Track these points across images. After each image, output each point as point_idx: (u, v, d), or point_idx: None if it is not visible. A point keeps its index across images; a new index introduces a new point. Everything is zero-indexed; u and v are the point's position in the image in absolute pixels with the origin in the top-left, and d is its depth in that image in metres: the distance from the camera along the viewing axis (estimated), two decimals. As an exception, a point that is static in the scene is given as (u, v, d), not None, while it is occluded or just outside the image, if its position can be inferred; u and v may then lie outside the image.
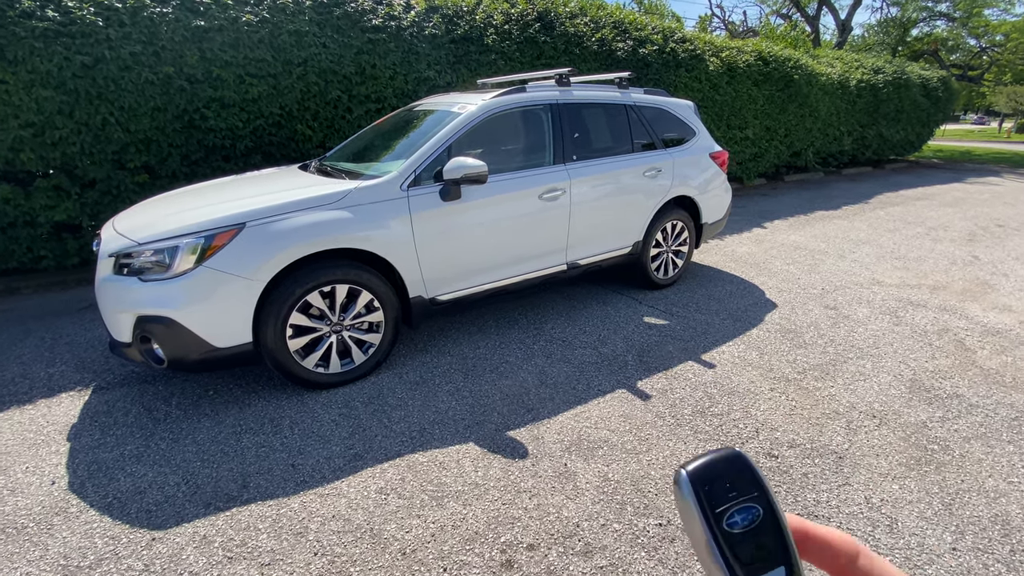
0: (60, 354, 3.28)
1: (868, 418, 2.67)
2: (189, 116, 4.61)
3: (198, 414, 2.66)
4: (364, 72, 5.34)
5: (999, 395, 2.89)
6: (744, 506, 0.33)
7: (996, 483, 2.23)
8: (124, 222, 2.84)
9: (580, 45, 6.86)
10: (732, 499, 0.33)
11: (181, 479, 2.21)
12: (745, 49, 8.84)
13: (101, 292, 2.60)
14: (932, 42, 24.08)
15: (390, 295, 2.96)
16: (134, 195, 4.54)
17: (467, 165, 2.92)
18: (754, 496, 0.33)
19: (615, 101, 4.02)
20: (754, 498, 0.33)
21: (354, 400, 2.78)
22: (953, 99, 14.23)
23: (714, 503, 0.33)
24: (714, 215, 4.67)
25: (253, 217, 2.58)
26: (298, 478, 2.21)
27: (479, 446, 2.43)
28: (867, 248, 5.76)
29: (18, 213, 4.25)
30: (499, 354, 3.28)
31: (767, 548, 0.32)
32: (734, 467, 0.34)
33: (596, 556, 1.86)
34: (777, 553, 0.32)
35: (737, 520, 0.32)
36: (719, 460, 0.34)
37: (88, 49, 4.06)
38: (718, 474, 0.34)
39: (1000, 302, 4.23)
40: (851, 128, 11.21)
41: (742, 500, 0.33)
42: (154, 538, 1.91)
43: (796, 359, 3.26)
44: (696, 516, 0.33)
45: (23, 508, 2.05)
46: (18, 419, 2.62)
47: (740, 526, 0.32)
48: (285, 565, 1.80)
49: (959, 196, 9.23)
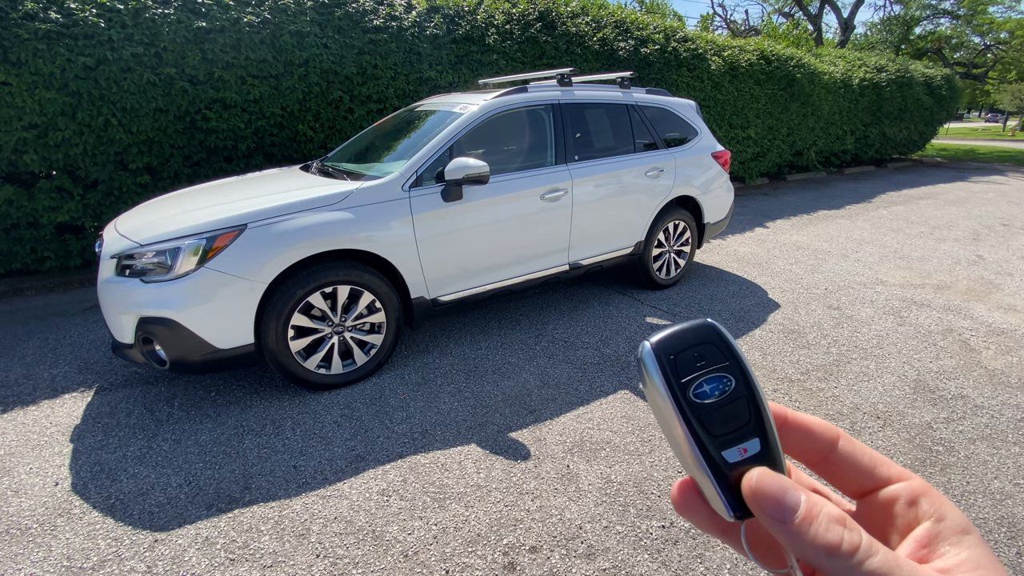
0: (63, 355, 3.29)
1: (872, 419, 2.65)
2: (191, 117, 4.62)
3: (200, 415, 2.66)
4: (365, 72, 5.34)
5: (1004, 396, 2.87)
6: (714, 376, 0.30)
7: (1002, 485, 2.22)
8: (126, 223, 2.85)
9: (582, 45, 6.85)
10: (700, 368, 0.31)
11: (183, 480, 2.21)
12: (747, 48, 8.82)
13: (103, 293, 2.61)
14: (936, 40, 23.99)
15: (392, 296, 2.95)
16: (136, 196, 4.55)
17: (469, 165, 2.92)
18: (725, 366, 0.31)
19: (617, 101, 4.01)
20: (725, 367, 0.31)
21: (356, 401, 2.78)
22: (957, 97, 14.17)
23: (680, 373, 0.30)
24: (716, 215, 4.65)
25: (255, 218, 2.58)
26: (300, 479, 2.21)
27: (481, 447, 2.42)
28: (870, 248, 5.73)
29: (21, 214, 4.26)
30: (501, 355, 3.28)
31: (740, 420, 0.30)
32: (704, 336, 0.31)
33: (599, 558, 1.85)
34: (751, 424, 0.30)
35: (706, 390, 0.30)
36: (687, 329, 0.32)
37: (90, 51, 4.06)
38: (686, 344, 0.31)
39: (1005, 302, 4.20)
40: (854, 127, 11.18)
41: (712, 369, 0.31)
42: (156, 539, 1.91)
43: (799, 360, 3.24)
44: (660, 388, 0.30)
45: (27, 509, 2.05)
46: (22, 420, 2.63)
47: (710, 396, 0.30)
48: (287, 567, 1.80)
49: (963, 195, 9.19)
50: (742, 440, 0.30)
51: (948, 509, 0.30)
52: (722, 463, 0.30)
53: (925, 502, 0.30)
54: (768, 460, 0.30)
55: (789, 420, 0.34)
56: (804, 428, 0.33)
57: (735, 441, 0.30)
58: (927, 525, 0.29)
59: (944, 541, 0.28)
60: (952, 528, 0.29)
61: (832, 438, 0.33)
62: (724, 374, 0.31)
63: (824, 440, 0.33)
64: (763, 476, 0.29)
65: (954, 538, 0.28)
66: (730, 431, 0.30)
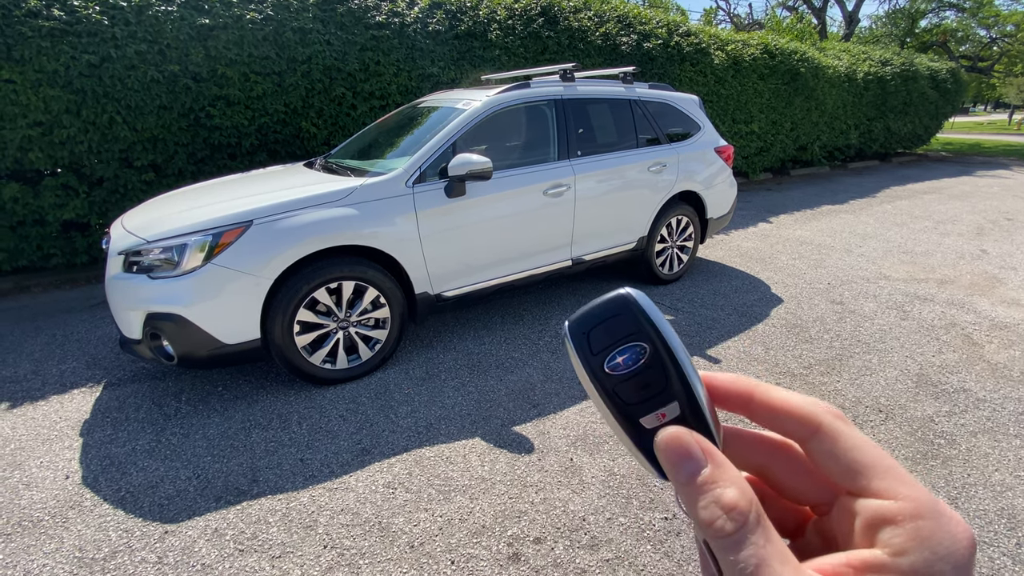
0: (71, 351, 3.32)
1: (874, 412, 2.67)
2: (195, 114, 4.64)
3: (208, 410, 2.69)
4: (368, 69, 5.34)
5: (1006, 389, 2.88)
6: (627, 346, 0.31)
7: (1003, 477, 2.23)
8: (133, 220, 2.87)
9: (584, 40, 6.83)
10: (614, 340, 0.31)
11: (192, 473, 2.24)
12: (751, 42, 8.78)
13: (111, 290, 2.63)
14: (941, 33, 23.79)
15: (396, 291, 2.97)
16: (141, 193, 4.58)
17: (472, 161, 2.93)
18: (639, 334, 0.31)
19: (620, 96, 4.01)
20: (639, 336, 0.31)
21: (361, 396, 2.81)
22: (962, 91, 14.08)
23: (593, 347, 0.31)
24: (719, 210, 4.65)
25: (260, 214, 2.60)
26: (307, 472, 2.24)
27: (485, 441, 2.44)
28: (874, 242, 5.72)
29: (27, 212, 4.29)
30: (504, 350, 3.30)
31: (656, 386, 0.30)
32: (618, 308, 0.32)
33: (602, 549, 1.87)
34: (670, 389, 0.30)
35: (619, 362, 0.30)
36: (601, 304, 0.32)
37: (94, 48, 4.08)
38: (601, 318, 0.31)
39: (1008, 296, 4.20)
40: (858, 121, 11.12)
41: (624, 339, 0.31)
42: (167, 531, 1.94)
43: (802, 354, 3.25)
44: (579, 364, 0.31)
45: (38, 502, 2.09)
46: (31, 415, 2.66)
47: (623, 367, 0.30)
48: (295, 558, 1.83)
49: (967, 189, 9.15)
50: (661, 405, 0.30)
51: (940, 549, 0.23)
52: (641, 429, 0.30)
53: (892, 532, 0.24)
54: (687, 422, 0.30)
55: (756, 399, 0.31)
56: (771, 410, 0.30)
57: (653, 407, 0.30)
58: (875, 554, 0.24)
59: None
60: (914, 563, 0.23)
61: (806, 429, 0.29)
62: (637, 343, 0.31)
63: (793, 430, 0.29)
64: (669, 436, 0.28)
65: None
66: (647, 398, 0.30)
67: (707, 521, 0.26)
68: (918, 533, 0.24)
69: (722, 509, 0.25)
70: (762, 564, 0.24)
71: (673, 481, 0.28)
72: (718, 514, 0.25)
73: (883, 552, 0.24)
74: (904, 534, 0.24)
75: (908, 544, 0.24)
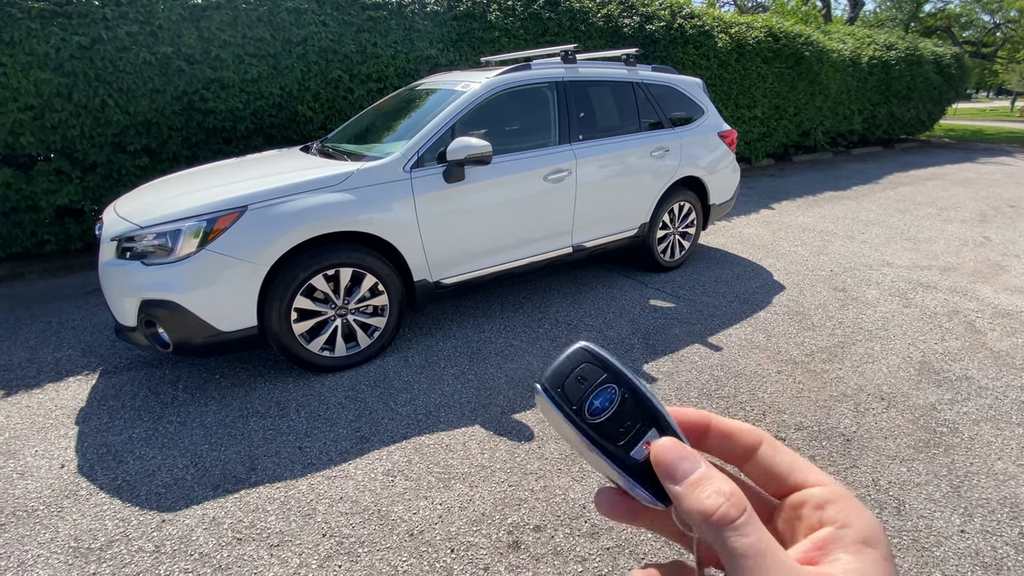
0: (66, 338, 3.29)
1: (876, 400, 2.65)
2: (188, 98, 4.55)
3: (205, 397, 2.66)
4: (365, 51, 5.24)
5: (1009, 377, 2.86)
6: (599, 391, 0.34)
7: (1005, 465, 2.22)
8: (126, 205, 2.82)
9: (585, 21, 6.71)
10: (586, 389, 0.34)
11: (189, 462, 2.22)
12: (755, 25, 8.63)
13: (105, 276, 2.59)
14: (945, 18, 23.47)
15: (394, 279, 2.93)
16: (135, 178, 4.50)
17: (471, 145, 2.87)
18: (606, 378, 0.34)
19: (622, 79, 3.93)
20: (606, 380, 0.34)
21: (360, 383, 2.78)
22: (966, 77, 13.91)
23: (571, 400, 0.34)
24: (722, 196, 4.60)
25: (255, 200, 2.55)
26: (305, 460, 2.22)
27: (485, 429, 2.42)
28: (876, 229, 5.68)
29: (20, 197, 4.23)
30: (504, 337, 3.27)
31: (634, 419, 0.33)
32: (580, 359, 0.34)
33: (603, 537, 1.86)
34: (645, 419, 0.33)
35: (597, 406, 0.33)
36: (565, 359, 0.35)
37: (85, 29, 3.99)
38: (568, 372, 0.34)
39: (1011, 283, 4.17)
40: (862, 106, 10.99)
41: (596, 385, 0.34)
42: (164, 520, 1.93)
43: (804, 341, 3.23)
44: (561, 419, 0.33)
45: (33, 491, 2.07)
46: (26, 403, 2.64)
47: (601, 410, 0.33)
48: (294, 546, 1.82)
49: (970, 176, 9.07)
50: (642, 436, 0.33)
51: (858, 519, 0.29)
52: (633, 464, 0.32)
53: (832, 508, 0.30)
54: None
55: (712, 426, 0.35)
56: (726, 433, 0.35)
57: (637, 439, 0.33)
58: (828, 530, 0.29)
59: (841, 548, 0.28)
60: (854, 537, 0.29)
61: (754, 443, 0.34)
62: (607, 385, 0.34)
63: (744, 444, 0.34)
64: (664, 445, 0.31)
65: (853, 547, 0.28)
66: (630, 433, 0.33)
67: (711, 509, 0.28)
68: (849, 507, 0.30)
69: (724, 497, 0.28)
70: (767, 548, 0.27)
71: (673, 481, 0.30)
72: (721, 501, 0.28)
73: (832, 528, 0.29)
74: (843, 510, 0.30)
75: (847, 517, 0.29)
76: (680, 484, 0.30)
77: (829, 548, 0.28)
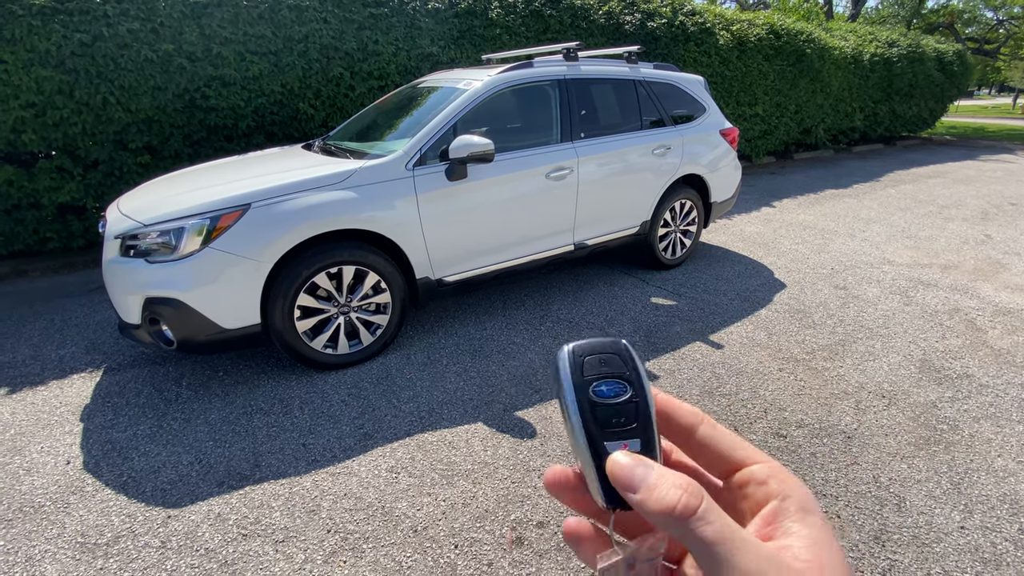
0: (70, 336, 3.30)
1: (877, 398, 2.66)
2: (190, 95, 4.55)
3: (209, 395, 2.68)
4: (366, 48, 5.23)
5: (1009, 375, 2.87)
6: (612, 380, 0.35)
7: (1005, 462, 2.23)
8: (129, 203, 2.82)
9: (587, 18, 6.69)
10: (603, 373, 0.35)
11: (194, 458, 2.23)
12: (756, 22, 8.61)
13: (108, 274, 2.60)
14: (948, 14, 23.40)
15: (397, 276, 2.94)
16: (137, 176, 4.51)
17: (473, 143, 2.88)
18: (625, 375, 0.35)
19: (624, 76, 3.93)
20: (624, 376, 0.35)
21: (363, 381, 2.80)
22: (968, 74, 13.87)
23: (585, 372, 0.35)
24: (723, 194, 4.60)
25: (258, 198, 2.55)
26: (309, 457, 2.23)
27: (488, 426, 2.44)
28: (877, 227, 5.68)
29: (22, 195, 4.23)
30: (506, 335, 3.28)
31: (627, 421, 0.34)
32: (614, 351, 0.36)
33: (605, 534, 1.87)
34: (637, 428, 0.34)
35: (603, 390, 0.34)
36: (602, 343, 0.36)
37: (86, 27, 3.98)
38: (597, 352, 0.36)
39: (1012, 282, 4.18)
40: (863, 104, 10.97)
41: (612, 375, 0.35)
42: (170, 516, 1.94)
43: (805, 339, 3.24)
44: (565, 380, 0.35)
45: (39, 487, 2.08)
46: (31, 400, 2.65)
47: (604, 396, 0.34)
48: (299, 542, 1.83)
49: (972, 174, 9.07)
50: (626, 438, 0.34)
51: (794, 489, 0.31)
52: (604, 453, 0.33)
53: (773, 482, 0.31)
54: None
55: (658, 403, 0.36)
56: (667, 411, 0.36)
57: (620, 437, 0.34)
58: (773, 504, 0.31)
59: (787, 518, 0.30)
60: (796, 506, 0.30)
61: (694, 422, 0.35)
62: (622, 381, 0.35)
63: (685, 424, 0.36)
64: (618, 458, 0.32)
65: (797, 515, 0.30)
66: (617, 428, 0.34)
67: (672, 503, 0.28)
68: (786, 479, 0.31)
69: (682, 489, 0.29)
70: (734, 532, 0.27)
71: (632, 490, 0.30)
72: (680, 494, 0.29)
73: (776, 501, 0.30)
74: (782, 483, 0.31)
75: (786, 488, 0.31)
76: (639, 491, 0.30)
77: (778, 520, 0.30)
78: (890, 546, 1.84)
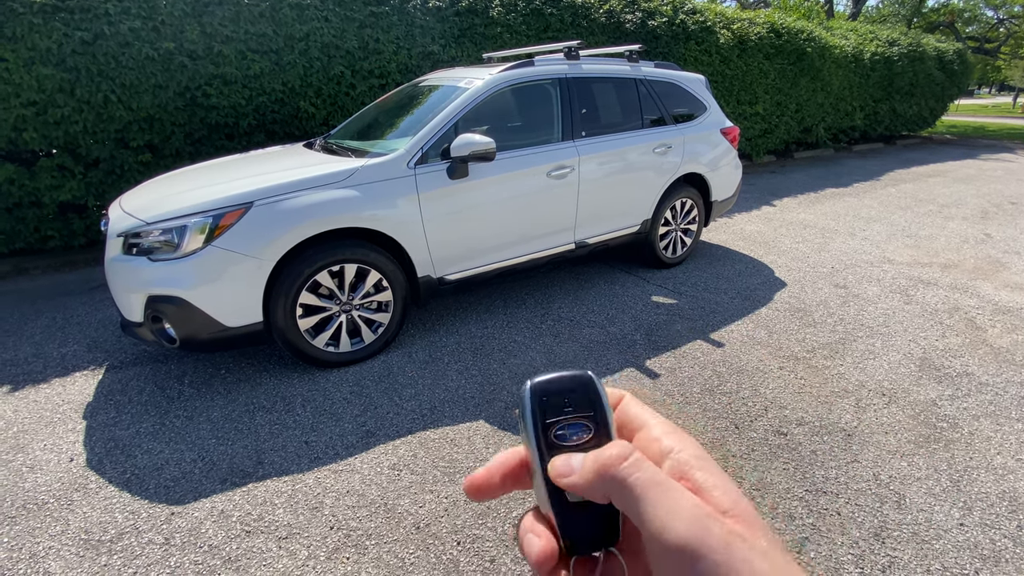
0: (72, 334, 3.31)
1: (877, 396, 2.67)
2: (191, 93, 4.55)
3: (211, 392, 2.68)
4: (367, 46, 5.23)
5: (1009, 373, 2.88)
6: (576, 423, 0.34)
7: (1005, 460, 2.24)
8: (131, 201, 2.83)
9: (587, 17, 6.69)
10: (566, 414, 0.34)
11: (197, 456, 2.24)
12: (757, 21, 8.60)
13: (111, 272, 2.61)
14: (948, 13, 23.39)
15: (398, 275, 2.95)
16: (138, 174, 4.51)
17: (475, 142, 2.88)
18: (589, 416, 0.34)
19: (625, 75, 3.93)
20: (588, 417, 0.34)
21: (365, 378, 2.80)
22: (969, 73, 13.87)
23: (548, 414, 0.34)
24: (724, 193, 4.61)
25: (260, 196, 2.56)
26: (312, 455, 2.24)
27: (489, 424, 2.45)
28: (878, 226, 5.69)
29: (23, 193, 4.23)
30: (507, 333, 3.29)
31: None
32: (577, 385, 0.35)
33: (607, 531, 1.88)
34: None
35: (566, 434, 0.34)
36: (565, 377, 0.36)
37: (87, 25, 3.98)
38: (559, 390, 0.35)
39: (1012, 280, 4.18)
40: (864, 103, 10.97)
41: (576, 416, 0.34)
42: (173, 512, 1.95)
43: (805, 338, 3.25)
44: (528, 424, 0.34)
45: (43, 485, 2.09)
46: (34, 398, 2.66)
47: (567, 440, 0.34)
48: (302, 539, 1.84)
49: (972, 173, 9.07)
50: None
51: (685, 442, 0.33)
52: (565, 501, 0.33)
53: (667, 438, 0.33)
54: None
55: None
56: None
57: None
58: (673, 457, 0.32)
59: (690, 469, 0.31)
60: (691, 454, 0.32)
61: (616, 399, 0.38)
62: (585, 422, 0.34)
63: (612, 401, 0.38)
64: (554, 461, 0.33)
65: (696, 463, 0.31)
66: None
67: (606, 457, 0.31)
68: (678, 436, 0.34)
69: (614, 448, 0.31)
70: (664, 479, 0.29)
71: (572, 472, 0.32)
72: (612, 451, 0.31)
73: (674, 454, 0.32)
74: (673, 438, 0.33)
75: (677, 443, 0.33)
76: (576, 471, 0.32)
77: (684, 472, 0.31)
78: (890, 543, 1.85)
